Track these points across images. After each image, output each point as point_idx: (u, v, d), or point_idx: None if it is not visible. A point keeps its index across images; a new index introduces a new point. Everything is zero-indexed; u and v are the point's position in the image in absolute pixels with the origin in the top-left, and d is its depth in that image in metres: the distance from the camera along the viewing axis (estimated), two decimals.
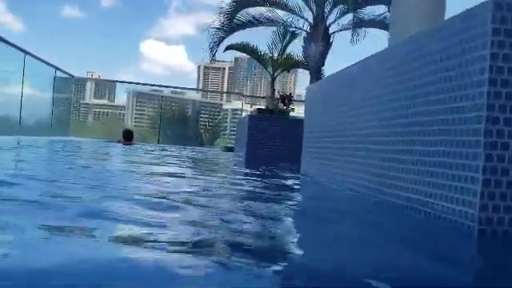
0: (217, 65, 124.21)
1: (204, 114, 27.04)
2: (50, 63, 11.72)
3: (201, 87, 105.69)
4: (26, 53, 10.36)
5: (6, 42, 9.22)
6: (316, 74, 9.92)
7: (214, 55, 11.35)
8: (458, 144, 2.11)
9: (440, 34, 2.42)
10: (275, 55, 13.38)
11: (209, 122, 26.16)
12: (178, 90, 29.03)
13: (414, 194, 2.48)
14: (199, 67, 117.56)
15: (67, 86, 15.02)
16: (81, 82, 23.54)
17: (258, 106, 22.17)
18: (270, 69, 13.57)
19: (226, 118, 27.68)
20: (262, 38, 13.57)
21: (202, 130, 25.09)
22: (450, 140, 2.18)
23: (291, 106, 10.30)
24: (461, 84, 2.14)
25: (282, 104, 10.45)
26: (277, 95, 13.30)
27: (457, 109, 2.15)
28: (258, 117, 9.12)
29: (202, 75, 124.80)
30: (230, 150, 12.60)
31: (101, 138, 14.55)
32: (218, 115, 29.43)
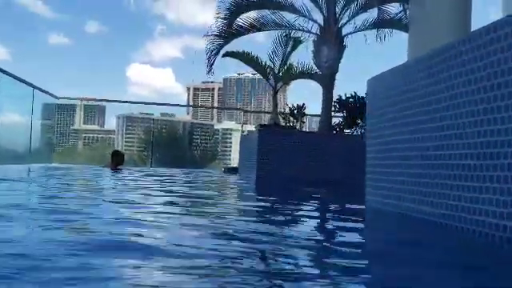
0: (206, 86, 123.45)
1: (196, 134, 26.20)
2: (29, 82, 10.44)
3: (191, 109, 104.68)
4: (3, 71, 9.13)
5: None
6: (329, 82, 8.74)
7: (211, 65, 10.15)
8: None
9: None
10: (277, 65, 12.27)
11: (203, 142, 25.45)
12: (168, 112, 28.26)
13: None
14: (189, 89, 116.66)
15: (50, 110, 13.93)
16: (70, 108, 23.10)
17: (249, 126, 20.72)
18: (271, 80, 12.46)
19: (218, 139, 27.01)
20: (263, 48, 12.37)
21: (196, 152, 24.33)
22: None
23: (302, 121, 9.11)
24: None
25: (291, 117, 9.25)
26: (281, 108, 12.17)
27: None
28: (270, 132, 7.90)
29: (191, 96, 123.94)
30: (234, 171, 11.32)
31: (91, 164, 13.62)
32: (213, 135, 28.69)
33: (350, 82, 9.39)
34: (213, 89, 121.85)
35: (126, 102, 18.67)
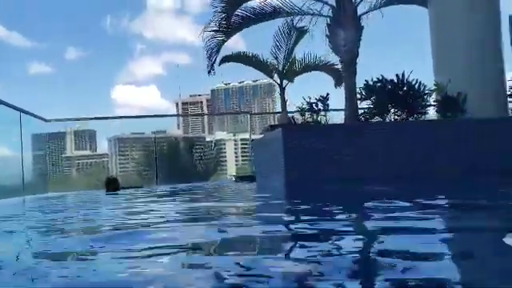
0: (194, 99, 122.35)
1: (196, 148, 25.64)
2: (15, 106, 9.43)
3: (182, 123, 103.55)
4: None
5: None
6: (350, 67, 7.79)
7: (212, 65, 9.16)
8: None
9: None
10: (281, 60, 11.31)
11: (203, 155, 24.96)
12: (159, 129, 28.01)
13: None
14: (177, 104, 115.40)
15: (40, 140, 13.12)
16: (60, 136, 22.77)
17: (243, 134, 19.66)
18: (276, 78, 11.50)
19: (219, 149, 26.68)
20: (265, 42, 11.42)
21: (199, 165, 23.82)
22: None
23: (321, 115, 8.11)
24: None
25: (307, 113, 8.25)
26: (286, 104, 11.19)
27: None
28: (296, 129, 6.93)
29: (181, 111, 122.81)
30: (247, 179, 10.31)
31: (86, 189, 13.16)
32: (214, 146, 28.40)
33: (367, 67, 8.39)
34: (201, 102, 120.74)
35: (120, 117, 17.64)
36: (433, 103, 7.66)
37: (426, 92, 7.36)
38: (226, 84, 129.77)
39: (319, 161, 6.25)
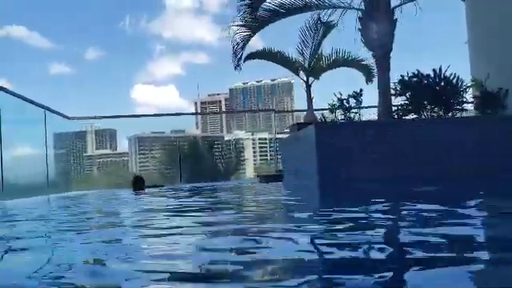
0: (212, 98, 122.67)
1: (216, 147, 25.64)
2: (39, 103, 9.35)
3: (200, 122, 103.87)
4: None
5: None
6: (383, 63, 7.48)
7: (238, 62, 8.92)
8: None
9: None
10: (307, 56, 11.03)
11: (224, 154, 25.01)
12: (178, 129, 28.32)
13: None
14: (196, 103, 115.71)
15: (63, 139, 13.15)
16: (81, 135, 23.01)
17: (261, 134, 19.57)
18: (302, 75, 11.22)
19: (230, 148, 26.59)
20: (286, 41, 11.17)
21: (220, 164, 23.84)
22: None
23: (353, 112, 7.81)
24: None
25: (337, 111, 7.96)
26: (312, 102, 10.91)
27: None
28: (330, 127, 6.65)
29: (199, 111, 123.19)
30: (273, 179, 10.04)
31: (107, 188, 13.33)
32: (235, 145, 28.46)
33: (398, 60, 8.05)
34: (219, 101, 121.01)
35: (140, 115, 17.59)
36: (470, 99, 7.32)
37: (464, 87, 7.01)
38: (244, 83, 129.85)
39: (354, 159, 5.95)
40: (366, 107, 7.98)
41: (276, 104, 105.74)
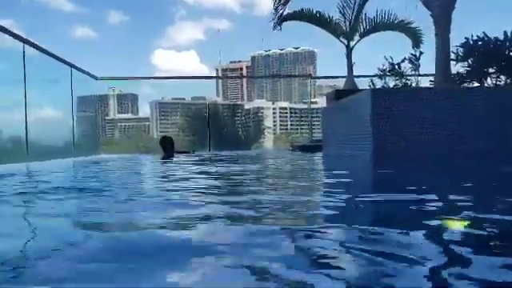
0: (234, 65, 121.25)
1: (238, 115, 25.17)
2: (67, 61, 8.83)
3: (221, 89, 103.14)
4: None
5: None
6: (444, 24, 6.67)
7: (280, 17, 8.18)
8: None
9: None
10: (349, 18, 10.21)
11: (246, 122, 24.60)
12: (199, 95, 28.03)
13: None
14: (217, 70, 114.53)
15: (88, 102, 12.74)
16: (104, 98, 22.88)
17: (282, 103, 19.01)
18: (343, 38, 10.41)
19: (251, 117, 26.14)
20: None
21: (243, 132, 23.50)
22: None
23: (407, 78, 7.08)
24: None
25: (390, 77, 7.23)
26: (352, 68, 10.13)
27: None
28: (392, 92, 5.97)
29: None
30: (310, 149, 9.43)
31: (129, 152, 13.11)
32: (256, 114, 28.13)
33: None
34: (241, 68, 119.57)
35: (164, 78, 17.01)
36: None
37: None
38: (266, 51, 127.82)
39: (415, 132, 5.29)
40: (421, 75, 7.23)
41: (298, 73, 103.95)
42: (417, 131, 5.28)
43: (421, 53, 6.53)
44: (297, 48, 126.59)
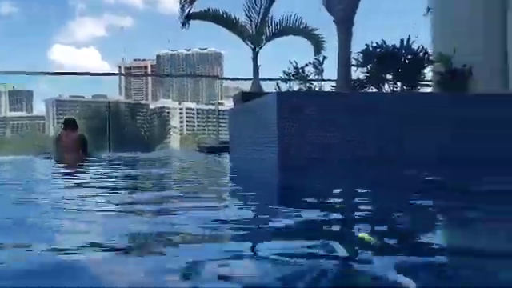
0: (138, 64, 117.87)
1: (140, 115, 24.41)
2: None
3: (123, 88, 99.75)
4: None
5: None
6: (345, 30, 6.85)
7: (187, 16, 7.93)
8: None
9: None
10: (255, 21, 10.19)
11: (149, 123, 23.88)
12: (99, 93, 27.03)
13: None
14: (120, 67, 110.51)
15: None
16: None
17: (189, 103, 19.27)
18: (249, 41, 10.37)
19: (156, 117, 25.55)
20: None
21: (145, 133, 22.75)
22: None
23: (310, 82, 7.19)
24: None
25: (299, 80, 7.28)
26: (258, 71, 10.14)
27: None
28: (298, 96, 5.96)
29: (124, 76, 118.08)
30: (216, 151, 9.28)
31: (24, 152, 12.19)
32: (160, 114, 27.56)
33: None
34: (146, 67, 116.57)
35: (61, 73, 15.91)
36: (433, 75, 6.96)
37: (431, 61, 6.61)
38: (172, 50, 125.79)
39: (319, 136, 5.33)
40: (325, 80, 7.37)
41: (205, 74, 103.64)
42: (321, 135, 5.32)
43: (324, 57, 6.66)
44: (203, 49, 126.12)
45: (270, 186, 4.33)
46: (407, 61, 6.43)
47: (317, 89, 6.81)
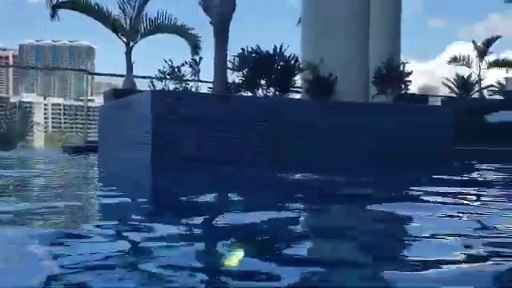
0: None
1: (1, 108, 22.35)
2: None
3: None
4: None
5: None
6: (222, 32, 6.91)
7: (54, 7, 7.37)
8: None
9: None
10: (129, 16, 9.83)
11: (7, 118, 21.84)
12: None
13: None
14: None
15: None
16: None
17: (54, 99, 18.58)
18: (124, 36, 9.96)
19: (14, 111, 23.50)
20: None
21: (3, 129, 20.74)
22: None
23: (186, 81, 7.14)
24: None
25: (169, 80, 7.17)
26: (132, 67, 9.81)
27: None
28: (175, 95, 5.82)
29: None
30: (82, 151, 8.74)
31: None
32: (19, 109, 25.30)
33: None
34: (7, 57, 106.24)
35: None
36: (303, 82, 7.33)
37: (301, 69, 6.95)
38: (37, 41, 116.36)
39: (193, 136, 5.30)
40: (201, 81, 7.35)
41: (75, 68, 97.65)
42: (194, 135, 5.30)
43: (201, 58, 6.65)
44: (72, 41, 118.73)
45: (138, 185, 4.19)
46: (279, 67, 6.68)
47: (193, 89, 6.77)
